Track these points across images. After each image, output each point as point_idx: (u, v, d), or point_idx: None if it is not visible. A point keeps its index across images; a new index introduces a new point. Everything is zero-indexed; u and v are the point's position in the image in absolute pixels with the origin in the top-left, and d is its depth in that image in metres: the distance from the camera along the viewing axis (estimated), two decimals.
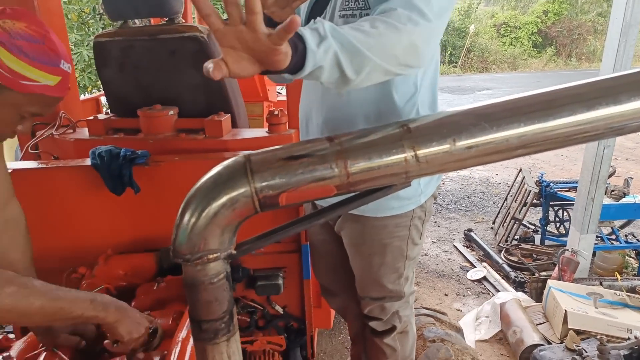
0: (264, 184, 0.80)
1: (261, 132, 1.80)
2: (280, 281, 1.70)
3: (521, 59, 17.77)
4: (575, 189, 3.70)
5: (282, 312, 1.80)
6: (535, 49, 18.15)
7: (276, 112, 1.74)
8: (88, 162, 1.56)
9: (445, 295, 3.61)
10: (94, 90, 6.18)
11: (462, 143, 0.75)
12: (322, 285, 1.73)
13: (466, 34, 17.13)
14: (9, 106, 1.00)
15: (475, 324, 3.13)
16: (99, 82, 6.45)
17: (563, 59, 17.98)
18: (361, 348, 1.70)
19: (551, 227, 4.29)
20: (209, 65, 0.80)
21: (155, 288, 1.41)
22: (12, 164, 1.61)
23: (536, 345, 2.53)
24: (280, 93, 4.00)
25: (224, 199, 0.79)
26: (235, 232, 0.86)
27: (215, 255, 0.84)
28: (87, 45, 6.06)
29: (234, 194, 0.80)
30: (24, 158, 1.83)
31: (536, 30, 18.13)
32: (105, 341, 1.22)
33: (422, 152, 0.77)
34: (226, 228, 0.82)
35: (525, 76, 15.67)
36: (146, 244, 1.64)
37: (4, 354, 1.11)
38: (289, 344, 1.79)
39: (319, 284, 1.85)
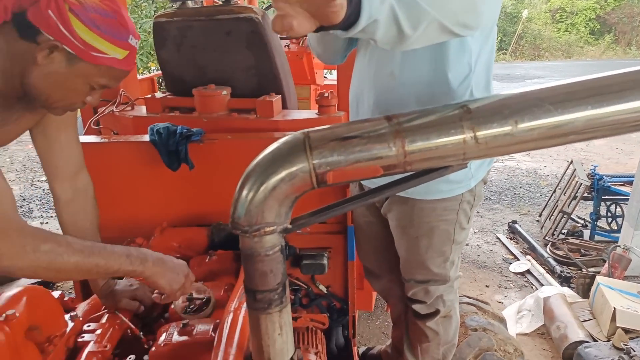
0: (322, 160, 0.82)
1: (311, 113, 1.82)
2: (325, 261, 1.73)
3: (577, 47, 16.97)
4: (630, 183, 3.54)
5: (325, 292, 1.84)
6: (592, 36, 17.28)
7: (326, 94, 1.76)
8: (146, 138, 1.63)
9: (486, 286, 3.56)
10: (144, 72, 6.38)
11: (524, 125, 0.74)
12: (366, 267, 1.75)
13: (518, 20, 16.48)
14: (80, 76, 1.04)
15: (516, 317, 3.08)
16: (150, 64, 6.66)
17: (622, 47, 17.03)
18: (403, 331, 1.71)
19: (602, 222, 4.13)
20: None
21: (207, 260, 1.47)
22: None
23: (581, 342, 2.47)
24: (326, 77, 4.00)
25: (282, 173, 0.82)
26: (291, 207, 0.89)
27: (271, 228, 0.87)
28: (139, 28, 6.25)
29: (292, 169, 0.82)
30: (86, 133, 1.93)
31: (594, 16, 17.23)
32: (154, 295, 1.29)
33: (481, 133, 0.77)
34: (283, 202, 0.85)
35: (581, 64, 14.96)
36: (198, 219, 1.70)
37: (72, 314, 1.19)
38: (332, 323, 1.82)
39: (362, 266, 1.87)
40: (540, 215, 4.57)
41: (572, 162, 4.52)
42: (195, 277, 1.25)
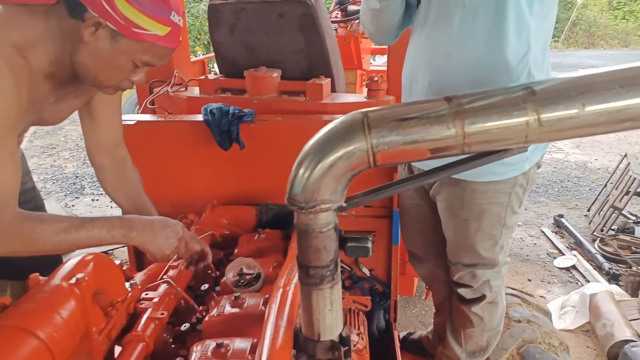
0: (380, 140, 0.83)
1: (359, 97, 1.83)
2: (370, 244, 1.73)
3: (634, 35, 16.08)
4: None
5: (368, 275, 1.85)
6: None
7: (376, 78, 1.76)
8: (200, 117, 1.69)
9: (529, 280, 3.49)
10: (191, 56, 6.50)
11: (592, 108, 0.73)
12: (411, 251, 1.75)
13: (572, 6, 15.74)
14: (123, 53, 1.07)
15: (559, 313, 3.01)
16: (196, 48, 6.78)
17: None
18: (445, 317, 1.71)
19: None
20: None
21: (256, 238, 1.52)
22: (136, 116, 1.78)
23: (628, 341, 2.40)
24: (372, 63, 3.97)
25: (340, 152, 0.84)
26: (347, 186, 0.90)
27: (327, 205, 0.89)
28: (187, 12, 6.37)
29: (350, 147, 0.83)
30: (142, 112, 2.01)
31: None
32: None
33: (546, 115, 0.76)
34: (339, 180, 0.87)
35: (638, 54, 14.18)
36: (247, 198, 1.75)
37: (131, 282, 1.26)
38: (373, 306, 1.84)
39: (405, 251, 1.87)
40: (588, 210, 4.41)
41: (625, 155, 4.33)
42: (192, 235, 1.31)
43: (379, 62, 5.34)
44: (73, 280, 0.99)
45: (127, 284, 1.25)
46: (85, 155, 5.95)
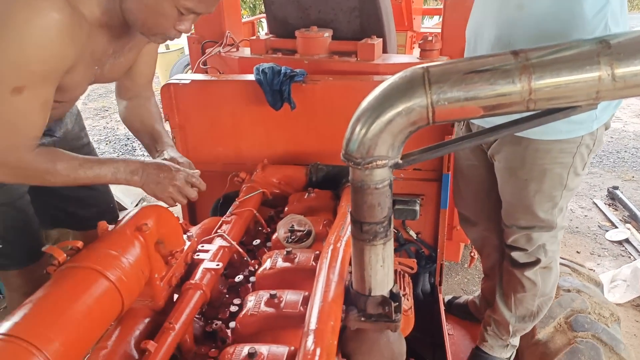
0: (441, 95, 0.81)
1: (412, 58, 1.79)
2: (418, 207, 1.73)
3: None
4: None
5: (415, 238, 1.86)
6: None
7: (430, 38, 1.71)
8: (252, 77, 1.70)
9: (577, 252, 3.39)
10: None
11: None
12: (462, 214, 1.72)
13: None
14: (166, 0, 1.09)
15: (609, 286, 2.92)
16: (242, 12, 6.77)
17: None
18: (494, 282, 1.69)
19: None
20: None
21: (306, 197, 1.54)
22: (190, 76, 1.81)
23: None
24: (423, 25, 3.84)
25: (399, 107, 0.83)
26: (404, 143, 0.90)
27: (383, 162, 0.89)
28: None
29: (409, 103, 0.82)
30: (195, 72, 2.05)
31: None
32: None
33: (621, 70, 0.72)
34: (397, 137, 0.86)
35: None
36: (297, 158, 1.77)
37: (188, 234, 1.32)
38: (419, 269, 1.85)
39: (453, 216, 1.86)
40: None
41: None
42: (205, 186, 1.35)
43: (430, 24, 5.17)
44: (138, 228, 1.05)
45: (184, 236, 1.30)
46: None
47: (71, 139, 1.54)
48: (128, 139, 5.61)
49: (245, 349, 0.95)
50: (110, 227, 1.06)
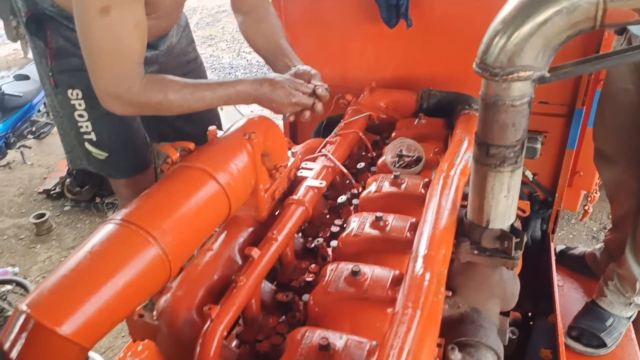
0: None
1: None
2: (539, 145, 1.56)
3: None
4: None
5: (531, 179, 1.69)
6: None
7: None
8: None
9: None
10: None
11: None
12: (600, 149, 1.51)
13: None
14: None
15: None
16: None
17: None
18: (623, 235, 1.49)
19: None
20: None
21: (415, 123, 1.44)
22: None
23: None
24: None
25: (561, 3, 0.68)
26: (555, 52, 0.75)
27: (527, 73, 0.76)
28: None
29: None
30: None
31: None
32: None
33: None
34: (550, 42, 0.73)
35: None
36: (407, 83, 1.65)
37: (292, 151, 1.29)
38: (531, 214, 1.70)
39: (579, 159, 1.65)
40: None
41: None
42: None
43: None
44: (246, 137, 1.03)
45: (288, 153, 1.28)
46: (239, 47, 6.28)
47: (177, 54, 1.53)
48: (231, 67, 5.74)
49: (349, 266, 0.91)
50: (220, 132, 1.06)
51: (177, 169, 0.93)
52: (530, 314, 1.61)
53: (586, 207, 2.24)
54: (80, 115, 1.36)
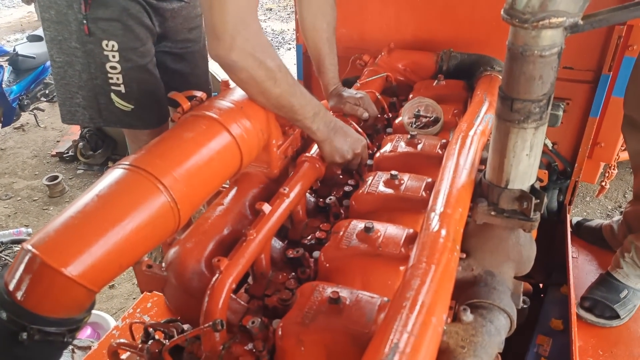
0: None
1: None
2: (560, 112, 1.50)
3: None
4: None
5: (550, 148, 1.64)
6: None
7: None
8: None
9: None
10: None
11: None
12: (629, 116, 1.45)
13: None
14: None
15: None
16: None
17: None
18: None
19: None
20: None
21: (435, 84, 1.39)
22: None
23: None
24: None
25: None
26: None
27: (559, 20, 0.71)
28: None
29: None
30: None
31: None
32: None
33: None
34: None
35: None
36: (426, 45, 1.59)
37: None
38: (549, 183, 1.66)
39: (601, 129, 1.59)
40: None
41: None
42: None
43: None
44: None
45: None
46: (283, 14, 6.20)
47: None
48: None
49: (362, 223, 0.89)
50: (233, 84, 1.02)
51: (189, 117, 0.91)
52: (541, 285, 1.58)
53: (603, 183, 2.18)
54: (113, 68, 1.34)
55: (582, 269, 1.61)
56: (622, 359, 1.35)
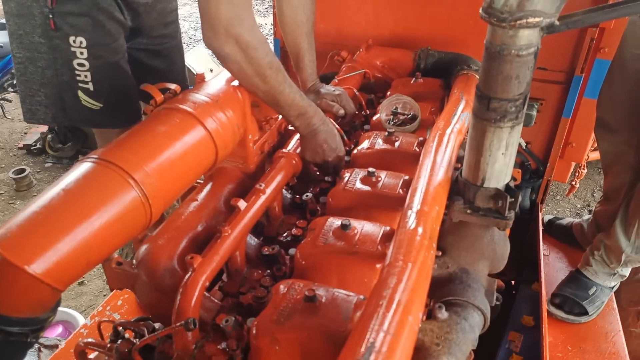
0: None
1: None
2: (534, 112, 1.53)
3: None
4: None
5: (523, 147, 1.67)
6: None
7: None
8: None
9: None
10: None
11: None
12: (602, 118, 1.48)
13: None
14: None
15: None
16: None
17: None
18: (613, 207, 1.49)
19: None
20: None
21: (412, 82, 1.39)
22: None
23: None
24: None
25: None
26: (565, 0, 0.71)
27: (536, 20, 0.71)
28: None
29: None
30: None
31: None
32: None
33: None
34: None
35: None
36: (404, 42, 1.59)
37: None
38: (522, 182, 1.68)
39: (573, 129, 1.62)
40: None
41: None
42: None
43: None
44: (235, 83, 0.98)
45: None
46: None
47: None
48: None
49: (339, 221, 0.88)
50: (209, 78, 1.00)
51: (162, 110, 0.88)
52: (513, 282, 1.61)
53: (573, 182, 2.24)
54: (80, 65, 1.28)
55: (552, 266, 1.65)
56: (590, 354, 1.38)
